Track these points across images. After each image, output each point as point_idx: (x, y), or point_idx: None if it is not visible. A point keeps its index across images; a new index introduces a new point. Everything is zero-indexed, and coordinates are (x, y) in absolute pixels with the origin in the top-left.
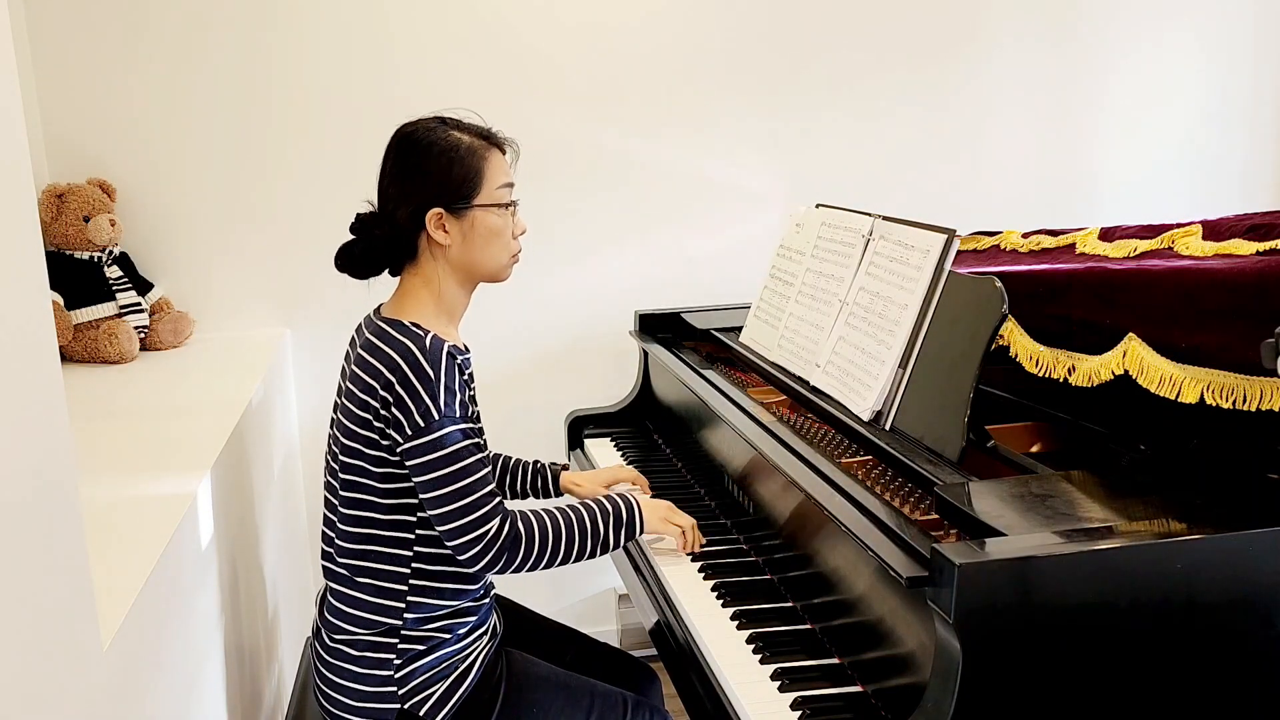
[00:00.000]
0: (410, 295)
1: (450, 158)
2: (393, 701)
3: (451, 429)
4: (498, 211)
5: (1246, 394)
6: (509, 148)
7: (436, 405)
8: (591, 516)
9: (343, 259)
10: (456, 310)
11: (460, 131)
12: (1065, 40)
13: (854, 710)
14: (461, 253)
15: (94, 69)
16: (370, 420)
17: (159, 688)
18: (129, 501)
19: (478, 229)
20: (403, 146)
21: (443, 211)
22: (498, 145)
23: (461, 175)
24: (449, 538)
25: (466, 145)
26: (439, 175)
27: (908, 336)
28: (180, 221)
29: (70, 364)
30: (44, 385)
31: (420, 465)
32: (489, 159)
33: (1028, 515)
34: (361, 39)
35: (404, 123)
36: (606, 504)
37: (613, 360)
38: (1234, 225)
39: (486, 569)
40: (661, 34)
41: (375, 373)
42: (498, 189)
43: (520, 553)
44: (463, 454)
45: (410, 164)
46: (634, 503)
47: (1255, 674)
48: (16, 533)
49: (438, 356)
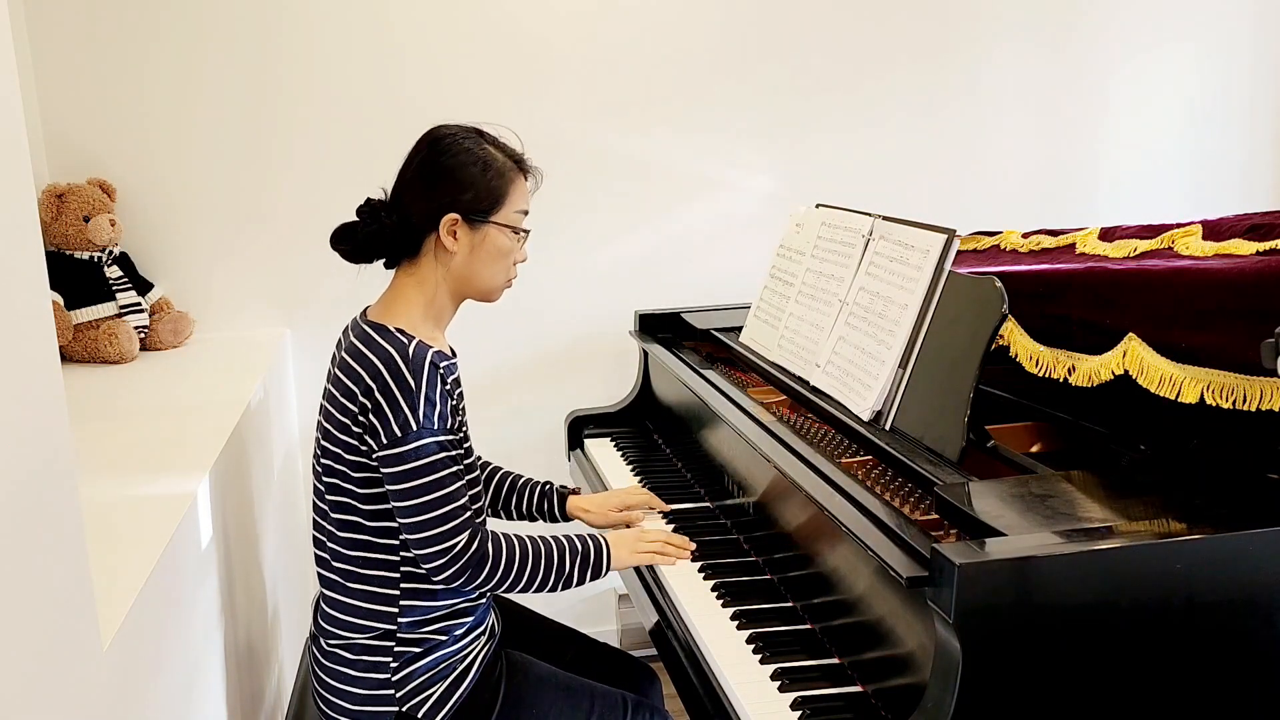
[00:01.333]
0: (401, 296)
1: (480, 171)
2: (391, 704)
3: (428, 440)
4: (510, 234)
5: (1246, 394)
6: (533, 177)
7: (415, 416)
8: (560, 553)
9: (341, 237)
10: (444, 318)
11: (496, 149)
12: (1065, 40)
13: (854, 710)
14: (465, 263)
15: (94, 69)
16: (349, 425)
17: (159, 688)
18: (129, 501)
19: (487, 245)
20: (436, 147)
21: (459, 219)
22: (525, 172)
23: (487, 190)
24: (416, 547)
25: (499, 164)
26: (466, 184)
27: (908, 336)
28: (180, 221)
29: (70, 364)
30: (44, 385)
31: (394, 474)
32: (515, 182)
33: (1028, 515)
34: (363, 38)
35: (443, 123)
36: (578, 544)
37: (613, 360)
38: (1234, 225)
39: (449, 583)
40: (662, 34)
41: (357, 377)
42: (515, 213)
43: (484, 573)
44: (437, 466)
45: (439, 165)
46: (604, 545)
47: (1255, 674)
48: (16, 533)
49: (420, 365)
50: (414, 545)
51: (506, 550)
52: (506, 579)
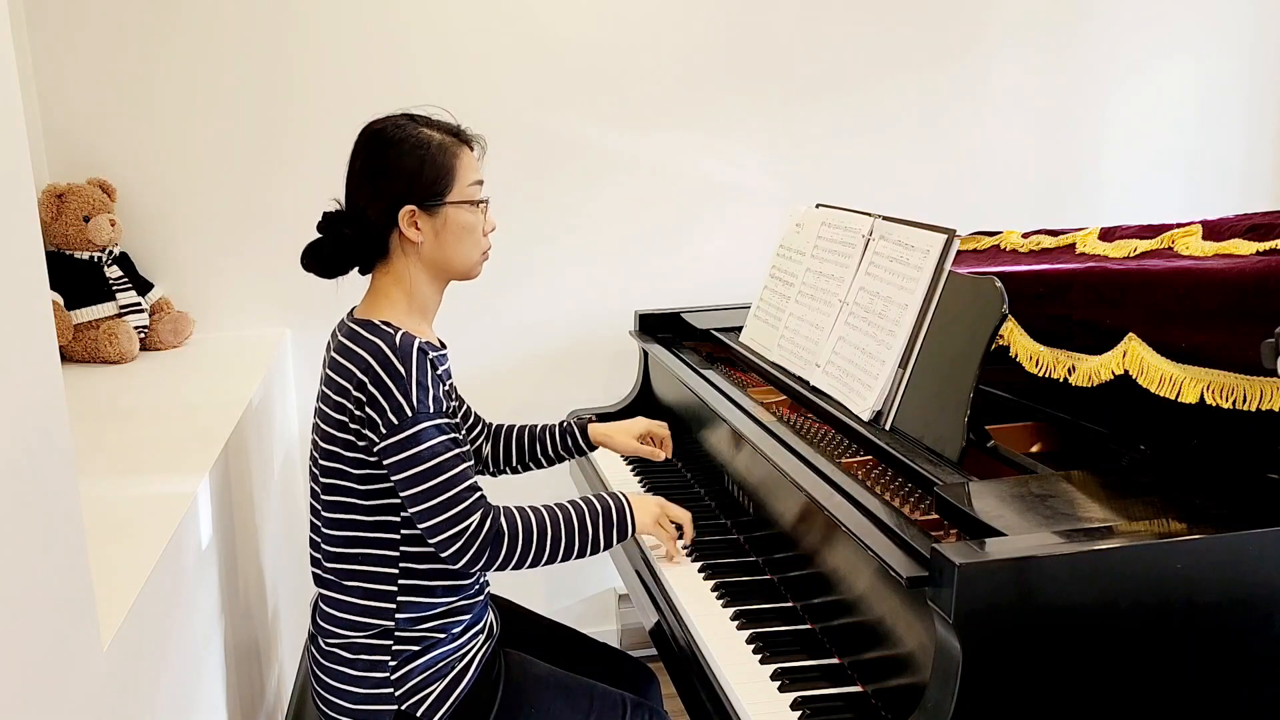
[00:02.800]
0: (382, 294)
1: (422, 155)
2: (390, 703)
3: (426, 425)
4: (469, 209)
5: (1246, 394)
6: (477, 144)
7: (409, 402)
8: (580, 516)
9: (310, 258)
10: (429, 308)
11: (430, 129)
12: (1066, 41)
13: (854, 710)
14: (434, 250)
15: (94, 69)
16: (346, 423)
17: (159, 688)
18: (129, 501)
19: (450, 226)
20: (372, 143)
21: (415, 209)
22: (467, 142)
23: (434, 173)
24: (430, 534)
25: (438, 142)
26: (411, 172)
27: (908, 336)
28: (180, 221)
29: (70, 364)
30: (44, 385)
31: (397, 463)
32: (460, 156)
33: (1028, 515)
34: (362, 38)
35: (371, 119)
36: (597, 503)
37: (613, 360)
38: (1234, 225)
39: (470, 565)
40: (663, 34)
41: (348, 374)
42: (469, 186)
43: (504, 549)
44: (438, 449)
45: (381, 161)
46: (625, 503)
47: (1255, 674)
48: (16, 533)
49: (408, 352)
50: (427, 534)
51: (523, 523)
52: (530, 552)
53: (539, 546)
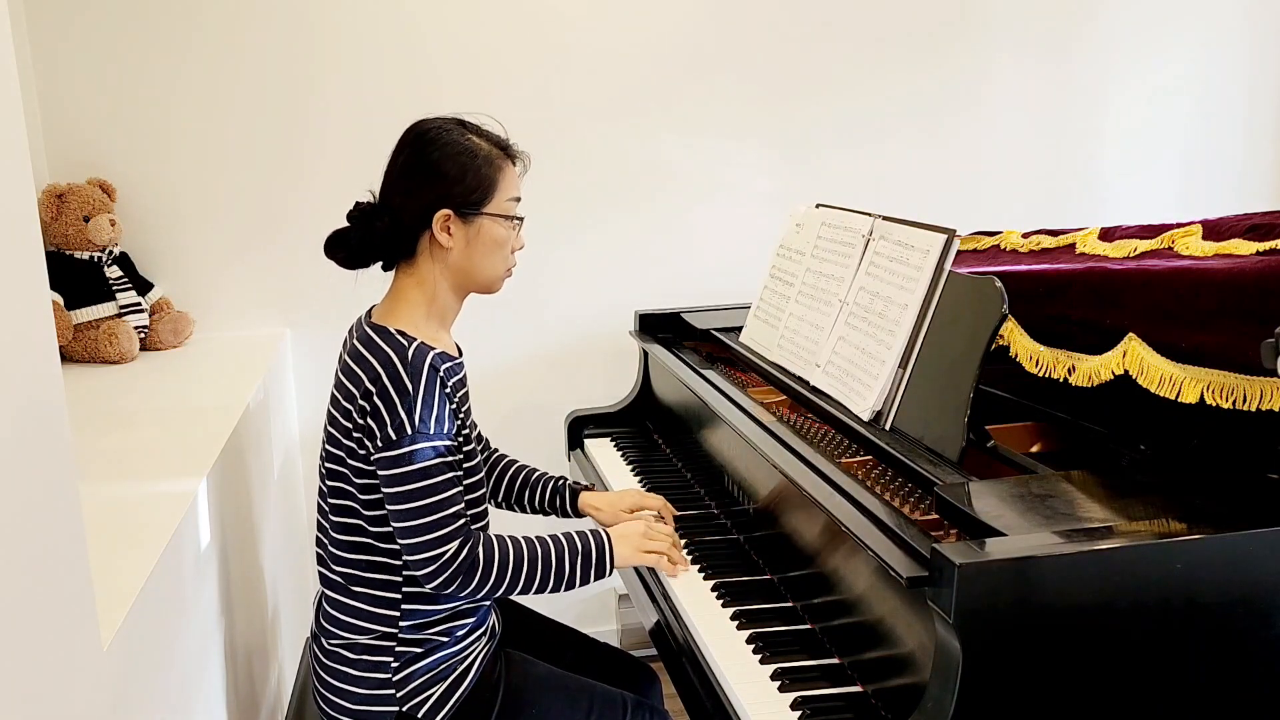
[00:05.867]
0: (402, 297)
1: (467, 162)
2: (391, 704)
3: (424, 445)
4: (504, 223)
5: (1246, 394)
6: (521, 161)
7: (411, 420)
8: (559, 554)
9: (334, 246)
10: (448, 315)
11: (479, 138)
12: (1066, 41)
13: (854, 710)
14: (462, 258)
15: (94, 69)
16: (350, 429)
17: (159, 688)
18: (129, 502)
19: (483, 237)
20: (419, 143)
21: (451, 214)
22: (512, 158)
23: (476, 181)
24: (406, 552)
25: (485, 153)
26: (454, 178)
27: (908, 336)
28: (180, 221)
29: (70, 364)
30: (44, 386)
31: (389, 478)
32: (504, 170)
33: (1028, 515)
34: (362, 39)
35: (422, 119)
36: (578, 541)
37: (613, 360)
38: (1234, 225)
39: (441, 589)
40: (663, 35)
41: (357, 380)
42: (508, 201)
43: (477, 578)
44: (431, 472)
45: (425, 161)
46: (605, 541)
47: (1255, 674)
48: (16, 534)
49: (419, 368)
50: (405, 551)
51: (500, 555)
52: (501, 584)
53: (512, 580)
